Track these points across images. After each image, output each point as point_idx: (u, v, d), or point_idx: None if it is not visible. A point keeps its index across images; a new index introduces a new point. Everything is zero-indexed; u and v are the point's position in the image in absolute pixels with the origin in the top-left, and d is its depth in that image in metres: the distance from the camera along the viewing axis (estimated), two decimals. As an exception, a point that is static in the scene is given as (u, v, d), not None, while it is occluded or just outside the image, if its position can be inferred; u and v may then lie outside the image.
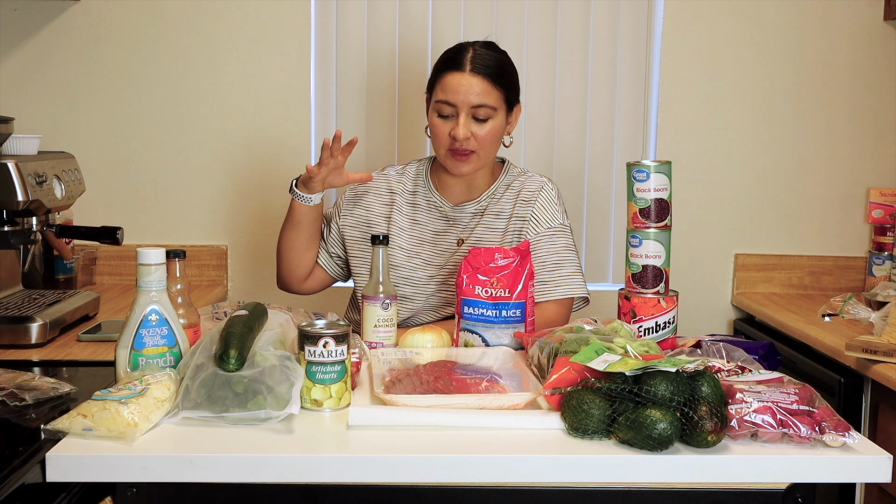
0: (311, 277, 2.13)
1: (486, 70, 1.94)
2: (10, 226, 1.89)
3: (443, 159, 2.01)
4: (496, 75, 1.96)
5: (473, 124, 1.95)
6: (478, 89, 1.93)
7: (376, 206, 2.10)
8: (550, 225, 2.03)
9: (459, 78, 1.94)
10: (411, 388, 1.48)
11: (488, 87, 1.94)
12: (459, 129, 1.94)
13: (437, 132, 1.98)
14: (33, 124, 2.71)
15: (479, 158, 1.98)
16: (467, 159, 1.97)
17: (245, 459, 1.26)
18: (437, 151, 2.02)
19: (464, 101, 1.93)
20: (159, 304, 1.47)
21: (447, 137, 1.96)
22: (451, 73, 1.95)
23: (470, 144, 1.95)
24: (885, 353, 1.99)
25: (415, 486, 1.31)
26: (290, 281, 2.12)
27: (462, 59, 1.95)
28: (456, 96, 1.93)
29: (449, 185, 2.08)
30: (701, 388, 1.33)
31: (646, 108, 2.93)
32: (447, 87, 1.95)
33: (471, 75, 1.93)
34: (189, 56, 2.80)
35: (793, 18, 2.87)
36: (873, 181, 2.95)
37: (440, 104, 1.96)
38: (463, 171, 2.00)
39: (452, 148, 1.97)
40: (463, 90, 1.93)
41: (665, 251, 1.74)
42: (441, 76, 1.97)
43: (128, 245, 2.23)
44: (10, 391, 1.45)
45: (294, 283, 2.13)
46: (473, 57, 1.95)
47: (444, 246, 2.07)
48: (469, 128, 1.94)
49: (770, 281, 2.97)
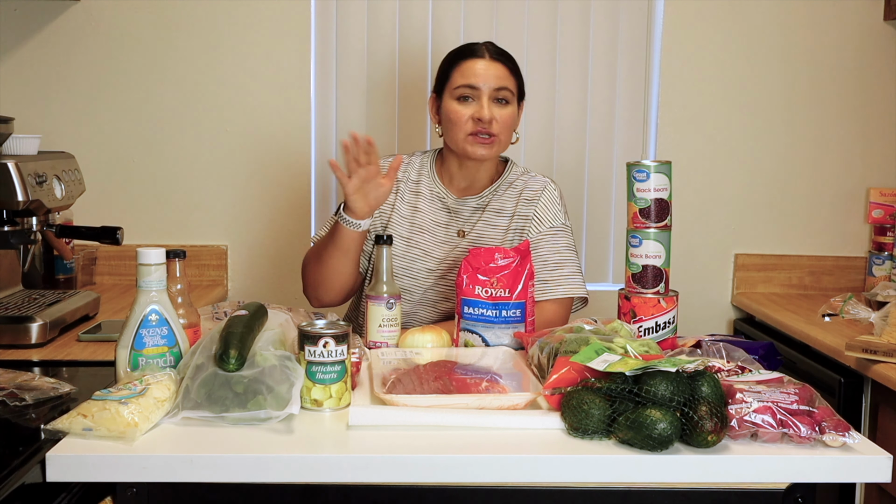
0: (353, 288, 2.09)
1: (504, 58, 2.03)
2: (10, 226, 1.89)
3: (462, 144, 2.00)
4: (511, 65, 2.04)
5: (495, 107, 1.99)
6: (500, 73, 2.00)
7: None
8: (552, 224, 2.04)
9: (480, 63, 2.00)
10: (411, 388, 1.48)
11: (507, 73, 2.01)
12: (484, 111, 1.97)
13: (457, 117, 1.99)
14: (33, 124, 2.71)
15: (499, 143, 2.01)
16: (490, 142, 1.99)
17: (245, 459, 1.26)
18: (456, 137, 2.00)
19: (486, 83, 1.98)
20: (159, 304, 1.47)
21: (468, 121, 1.98)
22: (471, 59, 2.01)
23: (493, 127, 1.98)
24: (885, 353, 1.99)
25: (415, 486, 1.31)
26: (335, 301, 2.06)
27: (478, 49, 2.03)
28: (478, 79, 1.98)
29: (453, 178, 2.09)
30: (701, 388, 1.33)
31: (646, 108, 2.93)
32: (468, 72, 1.99)
33: (491, 61, 2.01)
34: (189, 56, 2.80)
35: (793, 19, 2.87)
36: (873, 181, 2.95)
37: (461, 88, 1.99)
38: (483, 154, 1.99)
39: (474, 132, 1.98)
40: (485, 74, 1.98)
41: (665, 251, 1.74)
42: (459, 64, 2.02)
43: (128, 245, 2.23)
44: (10, 391, 1.45)
45: (338, 301, 2.08)
46: (488, 48, 2.03)
47: (443, 237, 2.07)
48: (492, 109, 1.98)
49: (770, 281, 2.97)
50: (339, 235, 1.93)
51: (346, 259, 1.96)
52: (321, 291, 2.03)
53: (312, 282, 2.04)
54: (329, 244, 1.97)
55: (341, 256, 1.96)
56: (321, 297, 2.05)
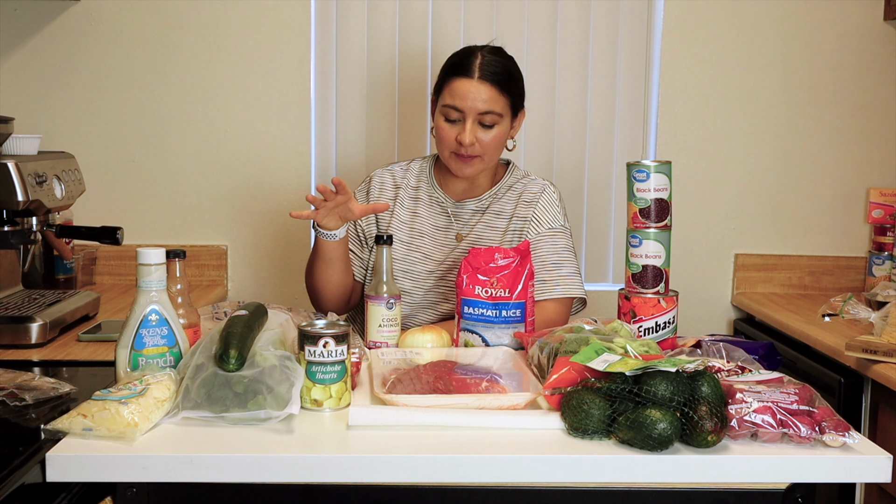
0: (353, 296, 2.10)
1: (494, 77, 1.96)
2: (10, 226, 1.88)
3: (446, 161, 2.03)
4: (503, 82, 1.97)
5: (479, 130, 1.96)
6: (485, 96, 1.95)
7: (382, 200, 2.11)
8: (552, 226, 2.05)
9: (468, 84, 1.95)
10: (411, 388, 1.48)
11: (495, 94, 1.96)
12: (465, 135, 1.95)
13: (443, 135, 1.99)
14: (33, 124, 2.71)
15: (482, 162, 2.00)
16: (471, 162, 1.99)
17: (245, 459, 1.26)
18: (442, 153, 2.03)
19: (471, 108, 1.95)
20: (159, 304, 1.47)
21: (452, 141, 1.98)
22: (460, 78, 1.96)
23: (474, 150, 1.97)
24: (885, 353, 1.99)
25: (415, 486, 1.31)
26: (337, 309, 2.07)
27: (470, 65, 1.96)
28: (463, 102, 1.95)
29: (451, 183, 2.10)
30: (701, 388, 1.33)
31: (646, 108, 2.93)
32: (455, 93, 1.96)
33: (479, 82, 1.94)
34: (189, 56, 2.80)
35: (792, 19, 2.87)
36: (873, 181, 2.95)
37: (447, 108, 1.97)
38: (466, 173, 2.02)
39: (457, 152, 1.98)
40: (471, 97, 1.94)
41: (665, 251, 1.74)
42: (449, 81, 1.98)
43: (128, 245, 2.23)
44: (10, 391, 1.45)
45: (341, 309, 2.09)
46: (482, 63, 1.96)
47: (443, 240, 2.08)
48: (475, 134, 1.96)
49: (770, 281, 2.97)
50: (319, 246, 1.97)
51: (331, 269, 1.98)
52: (320, 302, 2.07)
53: (310, 293, 2.08)
54: (314, 256, 2.01)
55: (326, 267, 1.98)
56: (323, 307, 2.08)
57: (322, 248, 1.96)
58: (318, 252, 1.97)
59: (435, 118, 2.02)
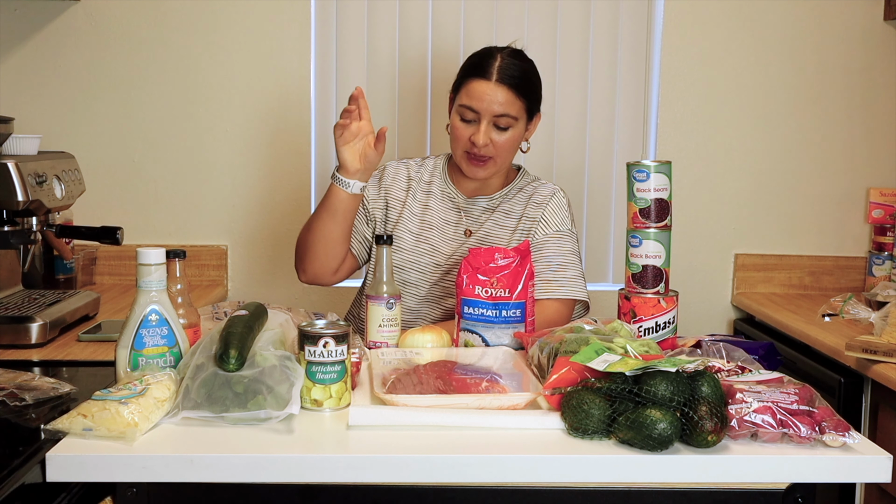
0: (341, 268, 2.08)
1: (512, 80, 1.97)
2: (10, 226, 1.89)
3: (459, 160, 2.04)
4: (521, 86, 1.98)
5: (494, 132, 1.98)
6: (502, 99, 1.96)
7: (395, 190, 2.13)
8: (559, 228, 2.07)
9: (485, 86, 1.96)
10: (411, 388, 1.48)
11: (512, 97, 1.97)
12: (479, 136, 1.96)
13: (458, 135, 2.01)
14: (33, 124, 2.71)
15: (495, 164, 2.02)
16: (484, 165, 2.01)
17: (245, 459, 1.26)
18: (455, 152, 2.05)
19: (487, 110, 1.96)
20: (159, 304, 1.47)
21: (466, 141, 1.99)
22: (477, 80, 1.97)
23: (488, 151, 1.99)
24: (885, 353, 1.99)
25: (415, 486, 1.31)
26: (320, 273, 2.05)
27: (489, 66, 1.97)
28: (480, 104, 1.96)
29: (464, 180, 2.12)
30: (701, 388, 1.33)
31: (646, 108, 2.93)
32: (472, 94, 1.97)
33: (496, 85, 1.96)
34: (189, 56, 2.80)
35: (792, 18, 2.87)
36: (873, 181, 2.95)
37: (463, 108, 1.98)
38: (478, 175, 2.03)
39: (470, 152, 2.00)
40: (487, 98, 1.95)
41: (665, 251, 1.74)
42: (467, 81, 1.99)
43: (128, 245, 2.23)
44: (10, 391, 1.45)
45: (324, 276, 2.06)
46: (500, 66, 1.97)
47: (452, 235, 2.09)
48: (489, 135, 1.97)
49: (770, 281, 2.97)
50: (330, 196, 1.96)
51: (333, 222, 1.97)
52: (307, 258, 2.02)
53: (300, 249, 2.05)
54: (320, 207, 1.99)
55: (329, 218, 1.97)
56: (306, 267, 2.04)
57: (333, 197, 1.95)
58: (326, 202, 1.96)
59: (451, 116, 2.04)
